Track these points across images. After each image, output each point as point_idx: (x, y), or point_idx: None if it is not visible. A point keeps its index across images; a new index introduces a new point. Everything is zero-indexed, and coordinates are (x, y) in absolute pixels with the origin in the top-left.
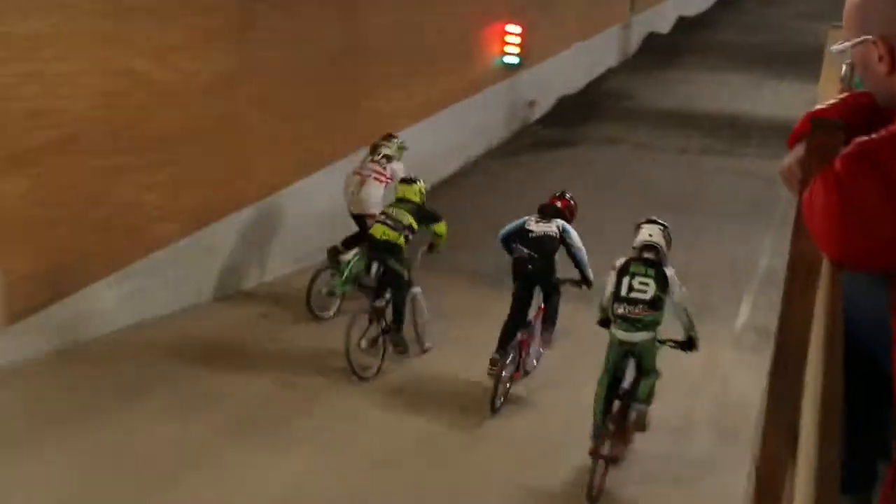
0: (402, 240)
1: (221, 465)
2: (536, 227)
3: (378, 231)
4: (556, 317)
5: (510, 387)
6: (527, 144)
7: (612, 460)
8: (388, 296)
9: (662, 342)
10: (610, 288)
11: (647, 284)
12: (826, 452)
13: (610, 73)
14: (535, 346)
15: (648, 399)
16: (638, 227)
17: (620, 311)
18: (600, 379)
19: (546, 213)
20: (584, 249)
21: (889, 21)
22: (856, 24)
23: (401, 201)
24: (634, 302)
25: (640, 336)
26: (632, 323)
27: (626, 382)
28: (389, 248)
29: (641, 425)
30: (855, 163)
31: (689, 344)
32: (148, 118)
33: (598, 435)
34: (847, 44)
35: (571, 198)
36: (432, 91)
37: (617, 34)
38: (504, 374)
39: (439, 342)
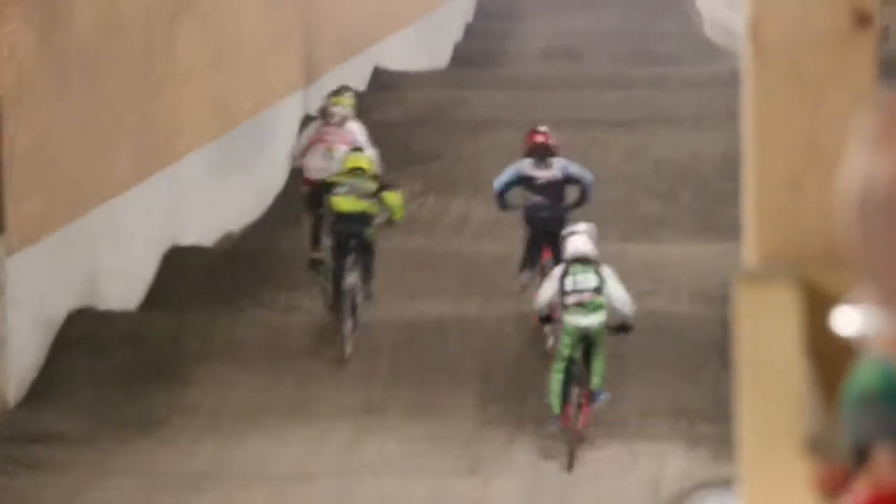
0: (373, 208)
1: None
2: (539, 173)
3: (345, 204)
4: None
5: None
6: None
7: (579, 434)
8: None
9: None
10: (549, 293)
11: (588, 278)
12: None
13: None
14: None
15: (602, 382)
16: (563, 239)
17: (572, 300)
18: (555, 367)
19: (539, 155)
20: (589, 175)
21: None
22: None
23: (354, 170)
24: (582, 291)
25: (595, 318)
26: (585, 307)
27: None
28: (362, 220)
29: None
30: None
31: (623, 328)
32: None
33: (556, 415)
34: (864, 320)
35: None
36: None
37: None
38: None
39: None
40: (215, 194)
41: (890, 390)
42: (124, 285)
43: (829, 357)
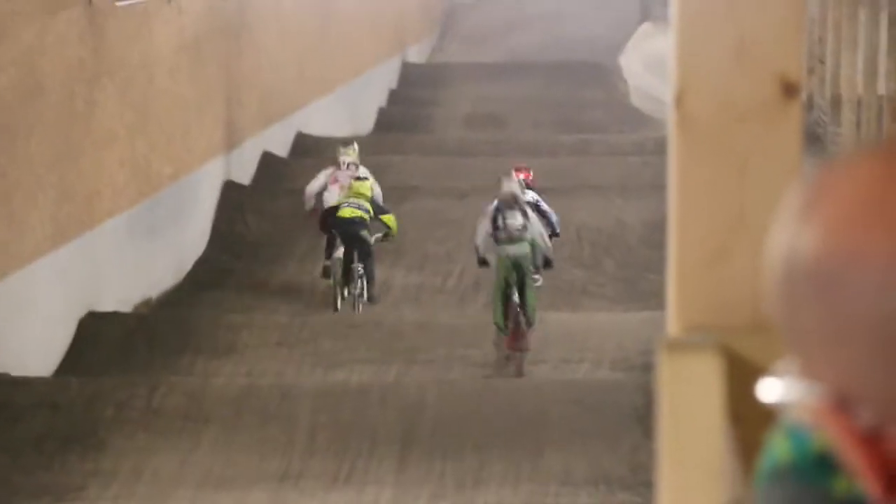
0: (367, 217)
1: None
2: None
3: (347, 212)
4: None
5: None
6: None
7: (524, 349)
8: (359, 268)
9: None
10: (485, 230)
11: (515, 217)
12: None
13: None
14: None
15: (535, 314)
16: (499, 180)
17: (503, 235)
18: (495, 295)
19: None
20: (554, 214)
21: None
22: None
23: (357, 195)
24: (511, 227)
25: (523, 248)
26: (513, 240)
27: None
28: (360, 223)
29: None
30: None
31: (546, 264)
32: None
33: (505, 333)
34: (787, 390)
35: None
36: None
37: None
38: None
39: None
40: (134, 260)
41: (801, 464)
42: (39, 351)
43: (752, 425)
